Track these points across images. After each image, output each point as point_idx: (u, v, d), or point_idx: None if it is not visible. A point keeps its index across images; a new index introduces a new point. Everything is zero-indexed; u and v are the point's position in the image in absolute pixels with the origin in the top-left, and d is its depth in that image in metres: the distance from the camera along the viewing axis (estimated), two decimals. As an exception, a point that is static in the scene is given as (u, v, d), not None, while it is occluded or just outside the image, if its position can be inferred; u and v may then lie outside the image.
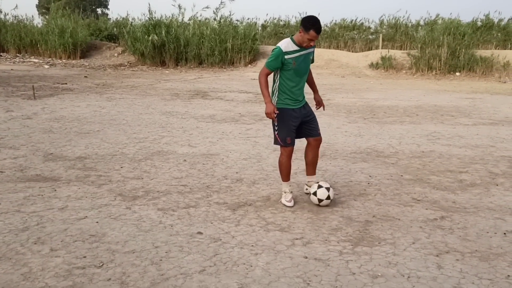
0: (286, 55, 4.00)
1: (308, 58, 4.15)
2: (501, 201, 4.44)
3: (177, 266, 3.10)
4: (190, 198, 4.42)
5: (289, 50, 4.01)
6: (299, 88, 4.18)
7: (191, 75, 16.52)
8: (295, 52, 4.02)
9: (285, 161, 4.29)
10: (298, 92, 4.18)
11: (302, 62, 4.10)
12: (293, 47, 4.02)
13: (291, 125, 4.19)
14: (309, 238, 3.59)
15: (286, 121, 4.18)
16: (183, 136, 6.92)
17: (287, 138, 4.19)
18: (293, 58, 4.02)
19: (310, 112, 4.30)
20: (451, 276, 3.04)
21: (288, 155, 4.28)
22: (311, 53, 4.16)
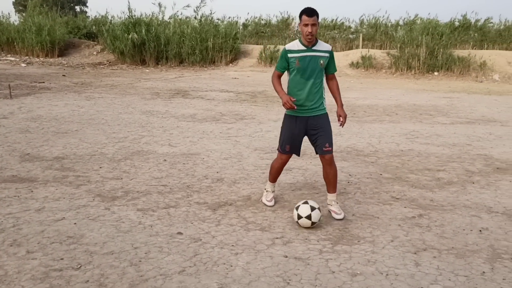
0: (289, 53, 3.89)
1: (317, 61, 3.87)
2: (477, 198, 4.52)
3: (156, 267, 3.08)
4: (170, 198, 4.39)
5: (294, 49, 3.89)
6: (306, 93, 3.91)
7: (171, 74, 16.42)
8: (300, 51, 3.86)
9: (277, 166, 4.21)
10: (303, 99, 3.91)
11: (308, 64, 3.86)
12: (298, 46, 3.88)
13: (294, 133, 4.01)
14: (289, 237, 3.61)
15: (289, 128, 4.03)
16: (163, 136, 6.88)
17: (286, 145, 4.06)
18: (297, 57, 3.86)
19: (320, 126, 3.97)
20: (428, 273, 3.09)
21: (282, 162, 4.17)
22: (320, 58, 3.88)
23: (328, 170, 4.03)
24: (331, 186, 4.08)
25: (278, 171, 4.27)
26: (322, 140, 3.96)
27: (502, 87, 13.97)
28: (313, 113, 3.97)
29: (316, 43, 3.89)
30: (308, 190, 4.71)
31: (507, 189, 4.78)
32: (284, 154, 4.11)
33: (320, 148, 3.97)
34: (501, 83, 15.23)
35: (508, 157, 6.00)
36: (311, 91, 3.93)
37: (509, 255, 3.36)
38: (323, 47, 3.92)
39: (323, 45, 3.94)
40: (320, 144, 3.96)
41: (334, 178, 4.05)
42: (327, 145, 3.95)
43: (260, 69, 17.63)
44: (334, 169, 4.04)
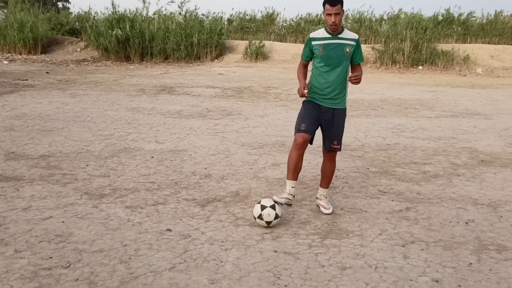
0: (313, 41, 3.79)
1: (342, 49, 3.75)
2: (463, 191, 4.58)
3: (146, 264, 3.07)
4: (158, 195, 4.38)
5: (318, 36, 3.79)
6: (329, 83, 3.79)
7: (157, 70, 16.31)
8: (325, 39, 3.75)
9: (293, 154, 3.80)
10: (328, 88, 3.79)
11: (333, 51, 3.74)
12: (323, 34, 3.78)
13: (312, 114, 3.83)
14: (278, 232, 3.62)
15: (307, 109, 3.88)
16: (150, 133, 6.84)
17: (302, 124, 3.78)
18: (321, 44, 3.75)
19: (335, 121, 3.86)
20: (416, 265, 3.13)
21: (297, 146, 3.76)
22: (346, 45, 3.75)
23: (328, 166, 4.04)
24: (326, 181, 4.07)
25: (294, 161, 3.80)
26: (333, 136, 3.90)
27: (485, 81, 14.15)
28: (332, 105, 3.85)
29: (342, 32, 3.78)
30: (296, 185, 4.71)
31: (491, 181, 4.86)
32: (299, 133, 3.75)
33: (328, 144, 3.93)
34: (484, 76, 15.42)
35: (492, 150, 6.09)
36: (335, 81, 3.80)
37: (495, 246, 3.42)
38: (349, 35, 3.80)
39: (349, 33, 3.82)
40: (330, 139, 3.91)
41: (331, 174, 4.06)
42: (335, 143, 3.90)
43: (246, 65, 17.60)
44: (333, 165, 4.05)
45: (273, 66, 17.46)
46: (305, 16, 21.47)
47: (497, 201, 4.30)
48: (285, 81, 13.46)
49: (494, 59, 16.74)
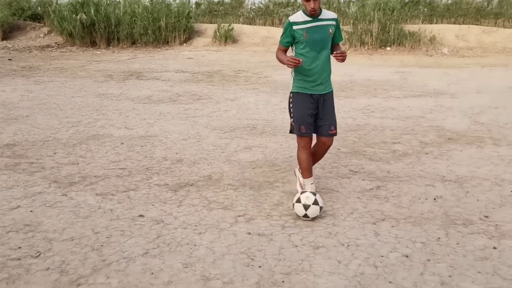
0: (294, 25, 3.59)
1: (325, 30, 3.60)
2: (431, 168, 4.69)
3: (119, 250, 3.04)
4: (129, 181, 4.32)
5: (298, 20, 3.60)
6: (318, 68, 3.64)
7: (124, 55, 15.99)
8: (306, 22, 3.57)
9: (302, 154, 3.79)
10: (317, 73, 3.65)
11: (317, 34, 3.58)
12: (303, 17, 3.59)
13: (307, 111, 3.69)
14: (251, 214, 3.63)
15: (301, 107, 3.70)
16: (119, 119, 6.72)
17: (301, 126, 3.70)
18: (303, 29, 3.57)
19: (327, 106, 3.75)
20: (387, 242, 3.19)
21: (304, 147, 3.76)
22: (328, 26, 3.62)
23: (323, 151, 3.94)
24: (315, 163, 4.08)
25: (307, 160, 3.80)
26: (329, 122, 3.74)
27: (451, 60, 14.41)
28: (324, 90, 3.72)
29: (321, 13, 3.62)
30: (268, 167, 4.74)
31: (458, 158, 4.98)
32: (302, 137, 3.73)
33: (326, 130, 3.75)
34: (450, 56, 15.71)
35: (458, 128, 6.24)
36: (323, 64, 3.66)
37: (462, 221, 3.52)
38: (328, 15, 3.66)
39: (328, 13, 3.67)
40: (326, 126, 3.74)
41: (321, 157, 4.05)
42: (332, 128, 3.76)
43: (215, 48, 17.43)
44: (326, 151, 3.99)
45: (243, 49, 17.35)
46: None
47: (464, 177, 4.42)
48: (255, 64, 13.40)
49: (460, 39, 17.05)
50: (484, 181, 4.31)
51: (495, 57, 15.07)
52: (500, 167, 4.68)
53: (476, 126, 6.30)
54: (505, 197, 3.95)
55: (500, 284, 2.70)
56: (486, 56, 15.47)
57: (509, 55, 15.39)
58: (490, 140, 5.62)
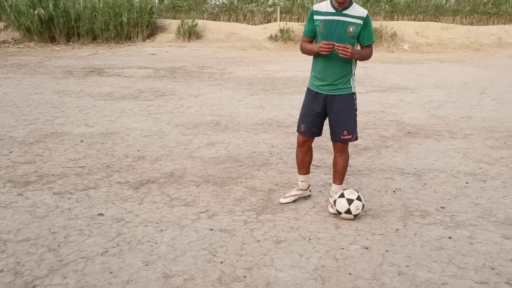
0: (316, 14, 3.32)
1: (344, 27, 3.26)
2: (391, 162, 4.78)
3: (77, 250, 2.97)
4: (89, 179, 4.23)
5: (321, 10, 3.31)
6: (329, 66, 3.36)
7: (85, 51, 15.63)
8: (328, 14, 3.28)
9: (298, 152, 3.70)
10: (327, 72, 3.37)
11: (334, 29, 3.27)
12: (327, 8, 3.30)
13: (311, 110, 3.49)
14: (214, 210, 3.62)
15: (306, 104, 3.55)
16: (79, 116, 6.57)
17: (301, 125, 3.57)
18: (322, 20, 3.29)
19: (341, 108, 3.44)
20: (347, 235, 3.24)
21: (300, 145, 3.65)
22: (350, 24, 3.26)
23: (338, 159, 3.60)
24: (338, 176, 3.64)
25: (300, 158, 3.70)
26: (340, 126, 3.47)
27: (411, 56, 14.74)
28: (336, 91, 3.40)
29: (349, 7, 3.28)
30: (231, 163, 4.73)
31: (416, 152, 5.10)
32: (300, 135, 3.62)
33: (338, 135, 3.49)
34: (410, 52, 16.06)
35: (417, 122, 6.39)
36: (336, 64, 3.34)
37: (419, 212, 3.61)
38: (356, 12, 3.29)
39: (358, 9, 3.31)
40: (337, 130, 3.49)
41: (343, 168, 3.61)
42: (345, 133, 3.47)
43: (179, 44, 17.26)
44: (345, 158, 3.60)
45: (207, 45, 17.25)
46: (238, -5, 21.26)
47: (422, 170, 4.53)
48: (220, 60, 13.35)
49: (419, 36, 17.46)
50: (441, 173, 4.43)
51: (453, 53, 15.51)
52: (456, 160, 4.82)
53: (434, 120, 6.47)
54: (460, 188, 4.07)
55: (455, 272, 2.79)
56: (445, 52, 15.91)
57: (465, 51, 15.87)
58: (447, 134, 5.78)
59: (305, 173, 3.76)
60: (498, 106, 7.36)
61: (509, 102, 7.66)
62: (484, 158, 4.87)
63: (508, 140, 5.50)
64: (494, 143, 5.37)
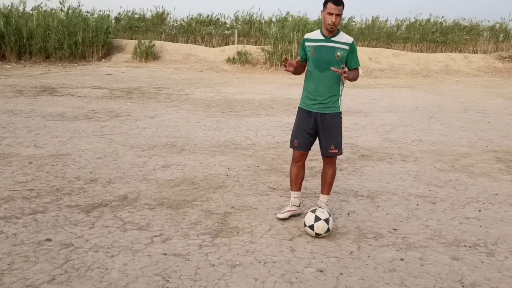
0: (307, 42, 3.73)
1: (332, 52, 3.63)
2: (345, 184, 4.86)
3: (21, 278, 2.82)
4: (37, 203, 4.06)
5: (312, 38, 3.72)
6: (320, 87, 3.71)
7: (36, 70, 15.20)
8: (318, 41, 3.68)
9: (292, 167, 3.96)
10: (318, 92, 3.72)
11: (323, 54, 3.64)
12: (317, 35, 3.71)
13: (303, 126, 3.82)
14: (168, 234, 3.55)
15: (298, 121, 3.87)
16: (28, 137, 6.34)
17: (294, 140, 3.87)
18: (313, 46, 3.68)
19: (329, 125, 3.78)
20: (303, 258, 3.24)
21: (294, 160, 3.93)
22: (337, 49, 3.63)
23: (327, 171, 3.93)
24: (326, 187, 3.95)
25: (294, 173, 3.95)
26: (329, 141, 3.79)
27: (365, 81, 15.18)
28: (325, 110, 3.76)
29: (337, 34, 3.68)
30: (187, 186, 4.67)
31: (370, 174, 5.21)
32: (294, 150, 3.91)
33: (326, 149, 3.82)
34: (364, 77, 16.55)
35: (371, 145, 6.55)
36: (326, 85, 3.71)
37: (373, 234, 3.67)
38: (343, 38, 3.68)
39: (344, 37, 3.70)
40: (326, 145, 3.81)
41: (331, 179, 3.94)
42: (332, 147, 3.80)
43: (136, 65, 17.09)
44: (333, 170, 3.93)
45: (164, 66, 17.16)
46: (196, 17, 21.39)
47: (375, 192, 4.63)
48: (177, 81, 13.29)
49: (372, 61, 18.06)
50: (393, 196, 4.53)
51: (404, 79, 16.10)
52: (407, 182, 4.95)
53: (386, 143, 6.65)
54: (411, 210, 4.18)
55: (407, 294, 2.83)
56: (396, 77, 16.49)
57: (415, 77, 16.52)
58: (399, 157, 5.95)
59: (298, 190, 3.99)
60: (446, 130, 7.66)
61: (456, 126, 7.99)
62: (434, 180, 5.03)
63: (455, 163, 5.72)
64: (443, 166, 5.57)
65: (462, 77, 16.68)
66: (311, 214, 3.57)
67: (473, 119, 8.69)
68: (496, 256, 3.34)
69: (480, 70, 17.86)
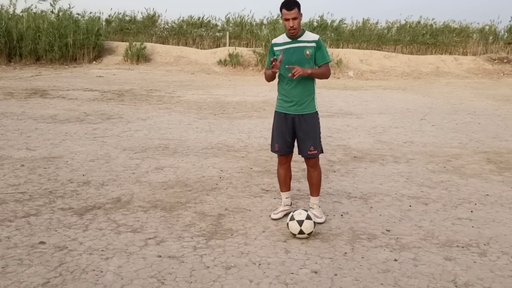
0: (275, 46, 3.77)
1: (302, 52, 3.69)
2: (338, 186, 4.88)
3: (16, 281, 2.81)
4: (30, 206, 4.04)
5: (279, 42, 3.78)
6: (294, 89, 3.74)
7: (27, 72, 15.11)
8: (285, 44, 3.72)
9: (278, 170, 4.03)
10: (293, 94, 3.74)
11: (292, 55, 3.69)
12: (284, 39, 3.75)
13: (282, 130, 3.85)
14: (162, 236, 3.54)
15: (277, 126, 3.90)
16: (20, 139, 6.30)
17: (275, 144, 3.91)
18: (282, 50, 3.71)
19: (307, 126, 3.78)
20: (297, 259, 3.26)
21: (280, 163, 3.99)
22: (306, 48, 3.69)
23: (312, 173, 3.94)
24: (314, 189, 3.98)
25: (281, 176, 4.03)
26: (307, 142, 3.80)
27: (356, 83, 15.27)
28: (301, 111, 3.78)
29: (302, 34, 3.73)
30: (180, 188, 4.67)
31: (363, 176, 5.24)
32: (277, 154, 3.96)
33: (305, 151, 3.82)
34: (355, 79, 16.64)
35: (363, 147, 6.58)
36: (300, 86, 3.73)
37: (366, 235, 3.69)
38: (309, 37, 3.73)
39: (310, 35, 3.75)
40: (305, 146, 3.81)
41: (317, 181, 3.95)
42: (312, 148, 3.80)
43: (127, 67, 17.04)
44: (318, 172, 3.93)
45: (155, 68, 17.13)
46: (187, 19, 21.38)
47: (368, 194, 4.65)
48: (168, 83, 13.28)
49: (363, 63, 18.15)
50: (386, 197, 4.56)
51: (395, 81, 16.21)
52: (399, 183, 4.99)
53: (378, 145, 6.69)
54: (404, 211, 4.21)
55: (401, 294, 2.85)
56: (387, 79, 16.59)
57: (406, 79, 16.63)
58: (391, 158, 5.99)
59: (288, 190, 4.08)
60: (437, 131, 7.73)
61: (447, 128, 8.06)
62: (426, 182, 5.07)
63: (447, 164, 5.77)
64: (435, 167, 5.62)
65: (452, 79, 16.83)
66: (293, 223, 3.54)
67: (464, 120, 8.77)
68: (488, 256, 3.37)
69: (470, 72, 18.03)
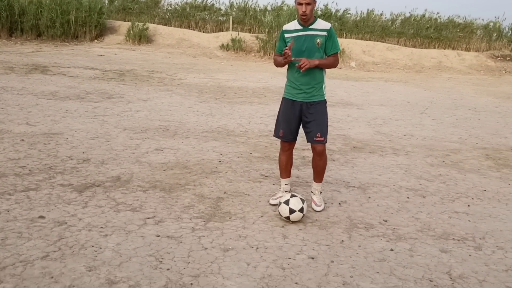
0: (286, 33, 3.73)
1: (312, 40, 3.65)
2: (337, 175, 4.90)
3: (15, 253, 2.83)
4: (29, 180, 4.05)
5: (290, 29, 3.72)
6: (303, 76, 3.71)
7: (28, 47, 15.00)
8: (296, 31, 3.68)
9: (280, 156, 4.01)
10: (302, 81, 3.73)
11: (303, 43, 3.66)
12: (295, 26, 3.71)
13: (288, 116, 3.83)
14: (161, 216, 3.56)
15: (283, 112, 3.87)
16: (20, 114, 6.28)
17: (280, 130, 3.88)
18: (293, 37, 3.68)
19: (314, 113, 3.77)
20: (294, 245, 3.28)
21: (282, 149, 3.98)
22: (317, 36, 3.65)
23: (318, 161, 3.92)
24: (318, 175, 3.99)
25: (282, 162, 4.01)
26: (314, 128, 3.77)
27: (358, 74, 15.23)
28: (310, 99, 3.76)
29: (314, 22, 3.69)
30: (180, 170, 4.68)
31: (362, 166, 5.26)
32: (281, 140, 3.94)
33: (311, 137, 3.80)
34: (357, 70, 16.59)
35: (363, 137, 6.60)
36: (309, 73, 3.70)
37: (364, 224, 3.72)
38: (321, 25, 3.68)
39: (322, 23, 3.70)
40: (312, 133, 3.79)
41: (322, 169, 3.95)
42: (318, 135, 3.77)
43: (128, 47, 16.93)
44: (324, 160, 3.92)
45: (157, 50, 17.03)
46: (191, 1, 21.19)
47: (366, 184, 4.68)
48: (170, 65, 13.22)
49: (366, 54, 18.09)
50: (384, 188, 4.59)
51: (397, 73, 16.17)
52: (398, 175, 5.01)
53: (378, 136, 6.71)
54: (402, 203, 4.24)
55: (396, 283, 2.89)
56: (389, 71, 16.55)
57: (408, 72, 16.60)
58: (390, 150, 6.00)
59: (288, 177, 4.09)
60: (437, 126, 7.74)
61: (447, 122, 8.07)
62: (424, 175, 5.10)
63: (446, 158, 5.79)
64: (433, 161, 5.64)
65: (454, 74, 16.80)
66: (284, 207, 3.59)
67: (464, 116, 8.78)
68: (483, 250, 3.41)
69: (472, 68, 18.00)
